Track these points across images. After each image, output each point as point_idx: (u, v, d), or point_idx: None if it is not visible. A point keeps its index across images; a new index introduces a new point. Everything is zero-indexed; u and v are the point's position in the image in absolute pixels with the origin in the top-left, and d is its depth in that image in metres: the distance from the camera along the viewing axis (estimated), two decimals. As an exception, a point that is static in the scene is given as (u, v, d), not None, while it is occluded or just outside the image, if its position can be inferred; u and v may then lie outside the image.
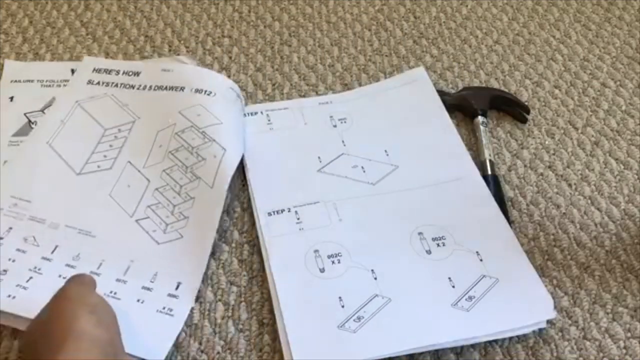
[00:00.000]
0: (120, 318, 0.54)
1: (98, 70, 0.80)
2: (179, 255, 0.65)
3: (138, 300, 0.61)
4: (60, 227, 0.66)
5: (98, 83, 0.79)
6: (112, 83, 0.79)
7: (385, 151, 0.75)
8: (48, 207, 0.68)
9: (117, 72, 0.80)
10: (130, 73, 0.79)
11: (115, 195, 0.69)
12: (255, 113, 0.79)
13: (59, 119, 0.75)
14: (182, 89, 0.76)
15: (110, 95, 0.77)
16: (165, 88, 0.76)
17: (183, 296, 0.62)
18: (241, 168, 0.73)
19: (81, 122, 0.75)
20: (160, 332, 0.59)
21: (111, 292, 0.61)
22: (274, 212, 0.69)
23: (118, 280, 0.63)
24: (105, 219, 0.67)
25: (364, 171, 0.73)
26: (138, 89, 0.78)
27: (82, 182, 0.70)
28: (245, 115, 0.78)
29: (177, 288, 0.63)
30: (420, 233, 0.67)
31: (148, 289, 0.62)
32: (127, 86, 0.78)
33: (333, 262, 0.64)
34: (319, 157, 0.74)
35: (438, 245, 0.66)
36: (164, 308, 0.61)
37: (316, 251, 0.65)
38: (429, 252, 0.65)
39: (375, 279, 0.63)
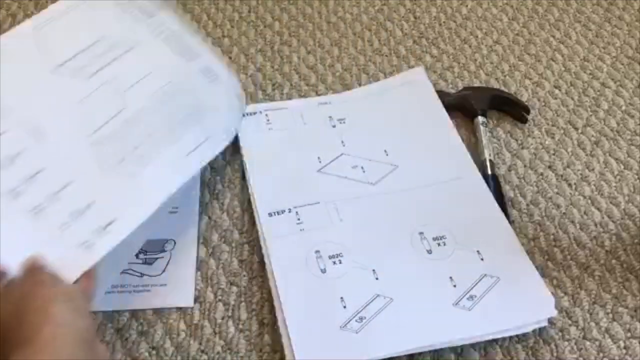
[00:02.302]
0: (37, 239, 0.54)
1: None
2: (120, 193, 0.60)
3: (63, 224, 0.57)
4: (13, 114, 0.59)
5: None
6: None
7: (385, 151, 0.75)
8: (8, 92, 0.61)
9: None
10: None
11: (83, 106, 0.63)
12: (255, 113, 0.79)
13: (59, 9, 0.68)
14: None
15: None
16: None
17: (111, 234, 0.57)
18: (241, 169, 0.74)
19: (82, 17, 0.68)
20: (73, 264, 0.54)
21: (35, 207, 0.56)
22: (274, 212, 0.69)
23: (49, 196, 0.57)
24: (61, 127, 0.61)
25: (364, 171, 0.73)
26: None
27: (54, 80, 0.63)
28: (244, 115, 0.78)
29: (108, 225, 0.58)
30: (421, 233, 0.67)
31: (77, 214, 0.57)
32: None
33: (334, 263, 0.64)
34: (318, 158, 0.74)
35: (439, 244, 0.66)
36: (85, 242, 0.56)
37: (317, 252, 0.65)
38: (429, 251, 0.65)
39: (377, 279, 0.63)
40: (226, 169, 0.74)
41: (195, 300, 0.63)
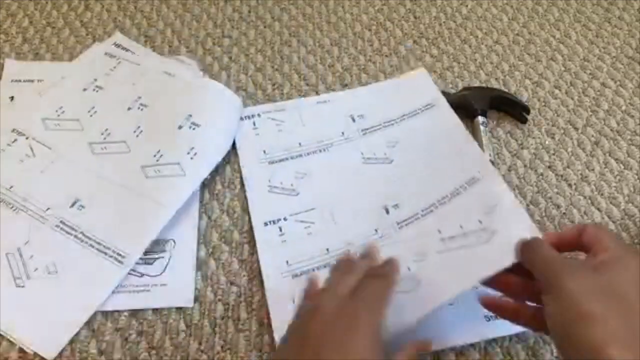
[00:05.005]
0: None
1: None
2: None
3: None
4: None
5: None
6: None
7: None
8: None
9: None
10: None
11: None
12: (252, 116, 0.79)
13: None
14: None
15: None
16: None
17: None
18: (240, 169, 0.74)
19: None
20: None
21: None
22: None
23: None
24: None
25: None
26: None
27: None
28: (242, 119, 0.78)
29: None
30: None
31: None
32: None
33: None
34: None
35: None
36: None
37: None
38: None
39: None
40: (226, 169, 0.74)
41: (195, 300, 0.63)
